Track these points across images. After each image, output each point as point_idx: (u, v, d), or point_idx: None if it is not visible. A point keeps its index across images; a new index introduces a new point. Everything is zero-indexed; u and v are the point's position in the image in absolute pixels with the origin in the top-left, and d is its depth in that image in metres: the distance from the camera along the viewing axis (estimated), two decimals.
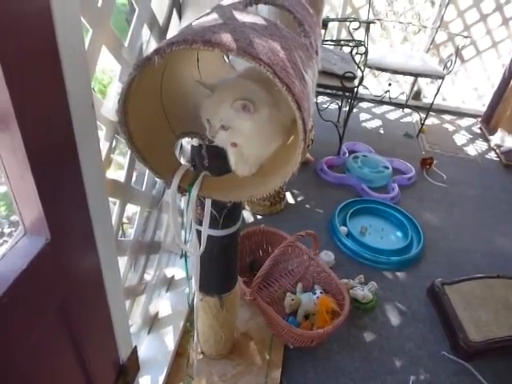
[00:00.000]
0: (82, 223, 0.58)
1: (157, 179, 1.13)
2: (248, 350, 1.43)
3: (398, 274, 1.86)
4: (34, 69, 0.43)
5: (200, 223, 0.79)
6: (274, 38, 0.56)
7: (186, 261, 0.82)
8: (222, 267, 1.08)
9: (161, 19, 0.94)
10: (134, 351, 0.88)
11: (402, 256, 1.89)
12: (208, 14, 0.64)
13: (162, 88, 0.69)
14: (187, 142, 1.10)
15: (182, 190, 0.65)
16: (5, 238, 1.69)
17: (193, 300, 0.99)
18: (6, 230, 1.78)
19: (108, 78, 2.53)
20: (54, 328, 0.53)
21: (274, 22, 0.62)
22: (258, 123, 0.61)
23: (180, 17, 1.05)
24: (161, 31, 0.95)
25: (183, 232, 0.87)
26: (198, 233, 0.82)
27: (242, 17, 0.60)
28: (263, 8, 0.84)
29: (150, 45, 0.92)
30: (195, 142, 0.81)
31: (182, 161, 1.12)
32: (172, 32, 1.02)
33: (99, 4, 0.66)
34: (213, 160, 0.79)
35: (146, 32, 0.92)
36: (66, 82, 0.48)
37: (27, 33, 0.42)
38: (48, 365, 0.54)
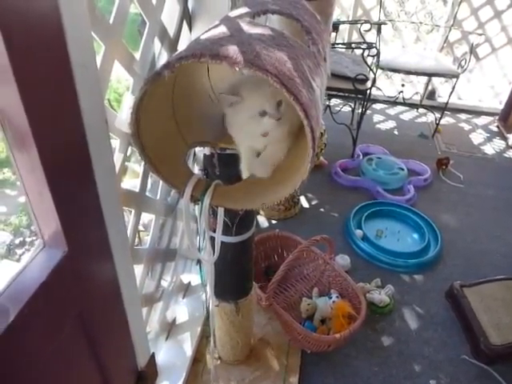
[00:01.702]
0: (98, 235, 0.59)
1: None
2: (265, 355, 1.43)
3: (416, 276, 1.83)
4: (48, 89, 0.45)
5: (214, 231, 0.80)
6: (281, 48, 0.57)
7: (200, 268, 0.83)
8: (237, 273, 1.09)
9: (171, 31, 0.96)
10: (152, 358, 0.90)
11: (419, 258, 1.87)
12: (216, 26, 0.65)
13: (173, 99, 0.71)
14: (199, 151, 1.12)
15: (195, 199, 0.67)
16: (26, 247, 1.74)
17: (208, 306, 1.00)
18: (28, 239, 1.82)
19: (123, 86, 2.57)
20: (73, 337, 0.54)
21: (281, 32, 0.63)
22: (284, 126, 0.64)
23: (190, 28, 1.07)
24: (171, 43, 0.97)
25: (198, 239, 0.88)
26: (213, 240, 0.83)
27: (249, 28, 0.61)
28: (273, 16, 0.85)
29: (162, 56, 0.94)
30: (207, 151, 0.82)
31: (196, 169, 1.14)
32: (183, 43, 1.04)
33: (111, 21, 0.68)
34: (224, 168, 0.80)
35: (157, 43, 0.95)
36: (79, 100, 0.50)
37: (41, 54, 0.43)
38: (67, 373, 0.56)
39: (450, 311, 1.68)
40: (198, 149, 1.14)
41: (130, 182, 1.03)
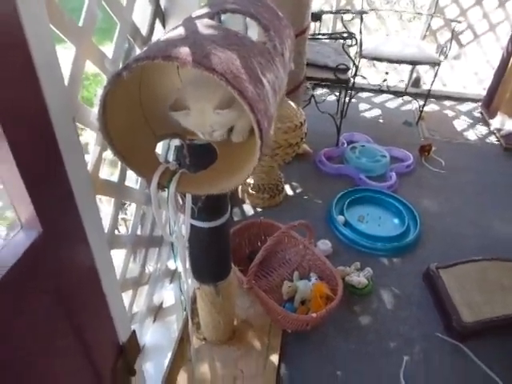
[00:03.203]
0: (71, 219, 0.66)
1: None
2: (248, 336, 1.50)
3: (395, 260, 1.91)
4: (15, 88, 0.51)
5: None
6: (232, 47, 0.63)
7: (173, 250, 0.89)
8: (215, 257, 1.16)
9: (143, 29, 1.02)
10: (134, 334, 0.97)
11: (398, 242, 1.95)
12: (177, 27, 0.71)
13: (140, 94, 0.77)
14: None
15: (162, 186, 0.73)
16: None
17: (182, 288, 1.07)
18: None
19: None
20: (51, 309, 0.61)
21: (235, 32, 0.69)
22: (238, 108, 0.68)
23: (164, 25, 1.13)
24: (144, 41, 1.02)
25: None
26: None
27: (205, 29, 0.67)
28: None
29: (135, 53, 1.00)
30: (177, 142, 0.88)
31: (171, 159, 1.20)
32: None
33: (80, 24, 0.74)
34: (193, 158, 0.86)
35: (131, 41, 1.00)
36: (44, 97, 0.56)
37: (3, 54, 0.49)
38: (48, 343, 0.63)
39: (425, 292, 1.76)
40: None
41: (109, 173, 1.09)
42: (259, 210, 2.16)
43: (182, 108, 0.69)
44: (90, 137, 0.97)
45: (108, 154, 0.93)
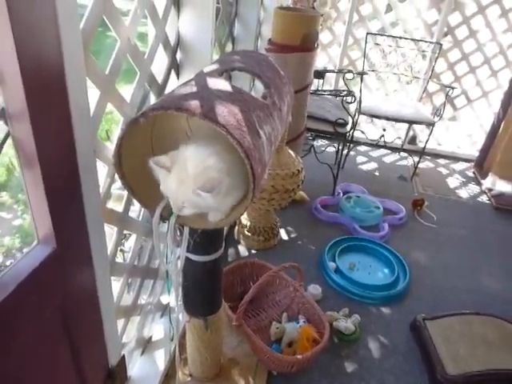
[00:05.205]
0: (82, 241, 0.74)
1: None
2: (234, 374, 1.52)
3: (383, 309, 1.94)
4: (52, 124, 0.61)
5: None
6: (236, 102, 0.74)
7: (167, 277, 0.96)
8: (207, 291, 1.21)
9: (159, 79, 1.14)
10: (123, 359, 1.01)
11: (387, 292, 1.99)
12: (189, 80, 0.82)
13: (152, 137, 0.87)
14: None
15: (164, 218, 0.81)
16: None
17: (174, 319, 1.12)
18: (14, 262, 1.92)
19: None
20: (52, 323, 0.67)
21: (238, 89, 0.80)
22: (221, 194, 0.69)
23: (178, 75, 1.26)
24: (160, 88, 1.14)
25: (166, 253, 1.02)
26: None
27: (214, 84, 0.78)
28: None
29: (151, 99, 1.12)
30: None
31: None
32: (170, 88, 1.21)
33: (107, 72, 0.86)
34: None
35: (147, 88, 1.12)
36: (74, 133, 0.66)
37: (48, 97, 0.59)
38: (44, 355, 0.68)
39: (412, 342, 1.78)
40: None
41: (114, 205, 1.17)
42: (254, 251, 2.22)
43: (165, 166, 0.71)
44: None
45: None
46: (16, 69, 0.52)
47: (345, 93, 2.48)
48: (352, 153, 3.35)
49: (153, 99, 1.15)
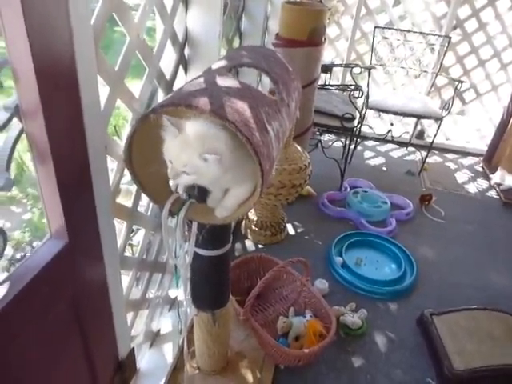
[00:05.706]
0: (93, 235, 0.75)
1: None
2: (241, 368, 1.53)
3: (390, 304, 1.95)
4: (64, 121, 0.62)
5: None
6: (244, 98, 0.74)
7: (176, 271, 0.97)
8: (214, 285, 1.22)
9: (168, 75, 1.15)
10: (132, 352, 1.03)
11: (394, 287, 1.99)
12: (198, 77, 0.83)
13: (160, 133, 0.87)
14: None
15: (173, 213, 0.82)
16: None
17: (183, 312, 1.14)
18: (28, 255, 1.96)
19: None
20: (65, 314, 0.69)
21: (247, 85, 0.80)
22: (223, 166, 0.69)
23: (186, 71, 1.26)
24: (168, 84, 1.15)
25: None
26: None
27: (222, 81, 0.78)
28: None
29: (159, 95, 1.13)
30: None
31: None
32: (178, 84, 1.22)
33: (116, 68, 0.86)
34: (200, 191, 0.96)
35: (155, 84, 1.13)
36: (85, 130, 0.67)
37: (61, 95, 0.60)
38: (56, 346, 0.70)
39: (419, 337, 1.78)
40: None
41: (123, 200, 1.19)
42: (261, 246, 2.23)
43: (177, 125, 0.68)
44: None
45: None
46: (30, 67, 0.53)
47: (352, 87, 2.47)
48: (359, 148, 3.33)
49: (161, 95, 1.16)
